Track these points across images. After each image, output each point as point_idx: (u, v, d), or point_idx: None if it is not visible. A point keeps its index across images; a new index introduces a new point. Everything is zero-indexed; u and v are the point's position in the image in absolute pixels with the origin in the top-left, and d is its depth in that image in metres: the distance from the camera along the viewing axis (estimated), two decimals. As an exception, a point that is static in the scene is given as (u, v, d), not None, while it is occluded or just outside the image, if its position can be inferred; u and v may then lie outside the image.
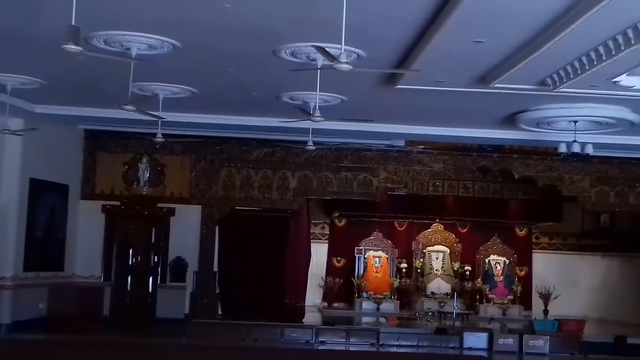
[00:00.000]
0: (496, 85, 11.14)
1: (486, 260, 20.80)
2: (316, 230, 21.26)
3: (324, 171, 17.52)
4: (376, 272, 20.39)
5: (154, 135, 13.46)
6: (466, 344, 15.09)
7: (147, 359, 12.48)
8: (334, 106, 13.19)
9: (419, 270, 20.80)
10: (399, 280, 20.27)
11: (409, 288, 20.50)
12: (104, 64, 10.02)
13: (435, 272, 20.81)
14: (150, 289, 17.25)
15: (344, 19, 7.54)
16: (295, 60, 10.44)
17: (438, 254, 21.01)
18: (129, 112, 11.43)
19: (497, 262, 20.74)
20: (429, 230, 21.33)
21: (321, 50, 7.81)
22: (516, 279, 20.64)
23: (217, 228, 17.42)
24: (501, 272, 20.61)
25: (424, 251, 21.01)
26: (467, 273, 20.76)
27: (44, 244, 15.89)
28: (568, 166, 17.27)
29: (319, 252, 20.77)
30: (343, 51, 7.63)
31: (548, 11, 8.11)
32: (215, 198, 17.33)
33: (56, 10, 8.41)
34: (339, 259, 21.16)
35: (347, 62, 7.59)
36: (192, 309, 16.87)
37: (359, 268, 20.55)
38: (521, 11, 8.15)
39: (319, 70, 10.06)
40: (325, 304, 20.32)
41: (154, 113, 12.08)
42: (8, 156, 14.87)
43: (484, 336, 15.28)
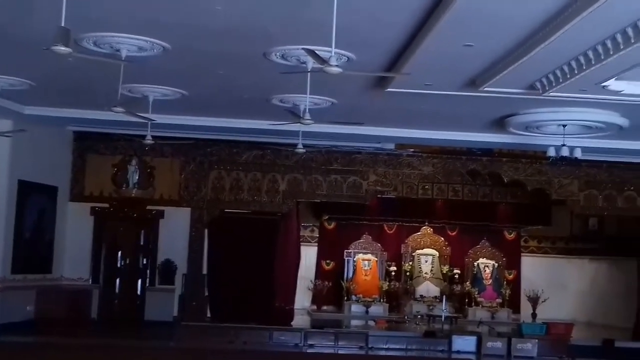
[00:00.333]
0: (486, 89, 11.18)
1: (475, 264, 20.85)
2: (306, 233, 21.22)
3: (313, 174, 17.52)
4: (365, 275, 20.40)
5: (144, 137, 13.43)
6: (455, 347, 15.09)
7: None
8: (324, 109, 13.20)
9: (408, 274, 20.81)
10: (388, 283, 20.28)
11: (398, 291, 20.52)
12: (93, 65, 9.99)
13: (424, 275, 20.83)
14: (139, 292, 17.20)
15: (334, 21, 7.55)
16: (286, 62, 10.44)
17: (427, 257, 21.05)
18: (118, 114, 11.42)
19: (486, 265, 20.79)
20: (418, 233, 21.36)
21: (311, 53, 7.82)
22: (505, 283, 20.68)
23: (206, 230, 17.39)
24: (490, 275, 20.66)
25: (413, 254, 21.04)
26: (456, 276, 20.78)
27: (32, 245, 15.81)
28: (557, 170, 17.32)
29: (309, 255, 20.75)
30: (333, 54, 7.64)
31: (538, 15, 8.15)
32: (204, 200, 17.30)
33: (46, 11, 8.38)
34: (328, 262, 21.15)
35: (337, 65, 7.62)
36: (180, 311, 16.83)
37: (348, 271, 20.55)
38: (511, 15, 8.19)
39: (309, 73, 10.06)
40: (315, 307, 20.31)
41: (143, 115, 12.05)
42: (-4, 158, 14.82)
43: (473, 339, 15.30)
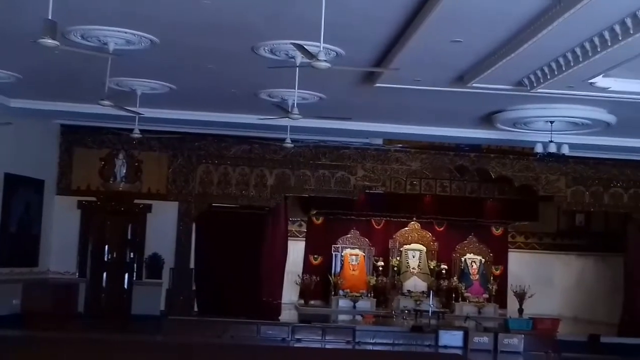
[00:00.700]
0: (474, 85, 11.19)
1: (462, 259, 20.92)
2: (293, 228, 21.22)
3: (301, 169, 17.52)
4: (353, 270, 20.43)
5: (131, 131, 13.40)
6: (442, 342, 15.17)
7: (122, 355, 12.41)
8: (312, 104, 13.19)
9: (395, 269, 20.86)
10: (375, 278, 20.32)
11: (385, 286, 20.57)
12: (81, 58, 9.96)
13: (411, 270, 20.87)
14: (126, 286, 17.14)
15: (322, 16, 7.54)
16: (274, 57, 10.43)
17: (415, 252, 21.08)
18: (106, 108, 11.37)
19: (473, 260, 20.86)
20: (406, 228, 21.40)
21: (300, 47, 7.81)
22: (492, 278, 20.78)
23: (194, 225, 17.36)
24: (477, 270, 20.73)
25: (401, 249, 21.08)
26: (444, 271, 20.85)
27: (19, 239, 15.74)
28: (544, 166, 17.40)
29: (296, 250, 20.75)
30: (322, 49, 7.64)
31: (526, 12, 8.17)
32: (192, 194, 17.27)
33: (33, 4, 8.32)
34: (316, 256, 21.17)
35: (325, 60, 7.60)
36: (168, 305, 16.80)
37: (335, 266, 20.59)
38: (499, 12, 8.20)
39: (297, 68, 10.06)
40: (302, 301, 20.32)
41: (131, 109, 12.01)
42: (-18, 150, 14.73)
43: (460, 334, 15.38)
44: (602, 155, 17.37)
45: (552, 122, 13.41)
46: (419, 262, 20.99)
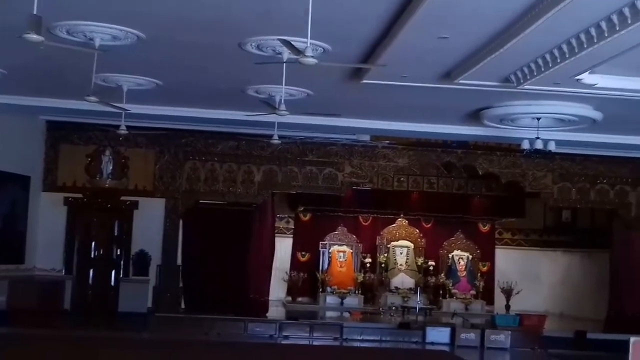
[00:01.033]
0: (461, 82, 11.21)
1: (450, 256, 20.96)
2: (281, 225, 21.21)
3: (289, 165, 17.49)
4: (340, 266, 20.44)
5: (118, 127, 13.34)
6: (429, 339, 15.19)
7: (108, 353, 12.36)
8: (299, 100, 13.17)
9: (383, 265, 20.88)
10: (363, 275, 20.33)
11: (373, 283, 20.58)
12: (66, 54, 9.89)
13: (399, 267, 20.90)
14: (113, 283, 17.06)
15: (310, 12, 7.52)
16: (261, 53, 10.40)
17: (402, 249, 21.12)
18: (92, 104, 11.33)
19: (460, 257, 20.90)
20: (394, 225, 21.42)
21: (287, 43, 7.79)
22: (479, 274, 20.80)
23: (181, 221, 17.30)
24: (464, 267, 20.77)
25: (388, 246, 21.10)
26: (431, 268, 20.87)
27: (5, 236, 15.64)
28: (531, 163, 17.44)
29: (284, 247, 20.72)
30: (309, 45, 7.62)
31: (512, 9, 8.18)
32: (179, 191, 17.21)
33: (17, -2, 8.27)
34: (303, 253, 21.16)
35: (312, 56, 7.59)
36: (155, 302, 16.75)
37: (323, 262, 20.58)
38: (486, 8, 8.21)
39: (284, 64, 10.03)
40: (290, 298, 20.33)
41: (117, 105, 11.96)
42: (-33, 147, 14.65)
43: (447, 331, 15.40)
44: (588, 152, 17.46)
45: (538, 119, 13.46)
46: (407, 258, 21.02)
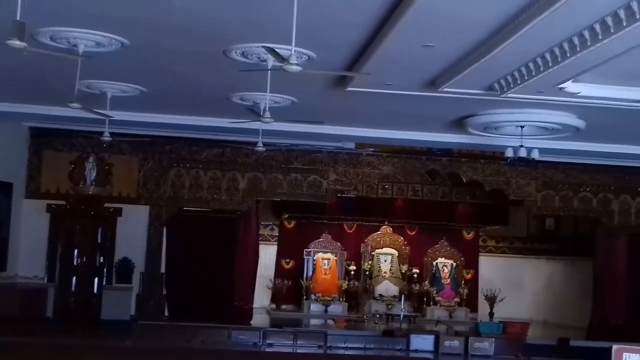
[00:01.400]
0: (445, 90, 11.25)
1: (434, 263, 20.98)
2: (265, 232, 21.17)
3: (273, 172, 17.46)
4: (325, 274, 20.41)
5: (102, 134, 13.27)
6: (413, 346, 15.18)
7: (91, 361, 12.28)
8: (284, 107, 13.16)
9: (367, 273, 20.88)
10: (347, 283, 20.32)
11: (357, 290, 20.57)
12: (50, 60, 9.85)
13: (383, 274, 20.91)
14: (96, 290, 16.95)
15: (294, 20, 7.52)
16: (246, 60, 10.40)
17: (386, 256, 21.13)
18: (75, 110, 11.25)
19: (444, 264, 20.94)
20: (378, 232, 21.44)
21: (271, 51, 7.79)
22: (463, 282, 20.84)
23: (164, 229, 17.22)
24: (448, 274, 20.80)
25: (373, 253, 21.11)
26: (415, 276, 20.90)
27: (-14, 243, 15.53)
28: (515, 171, 17.50)
29: (268, 254, 20.69)
30: (293, 52, 7.62)
31: (496, 17, 8.22)
32: (163, 198, 17.13)
33: (0, 4, 8.21)
34: (287, 260, 21.13)
35: (297, 64, 7.58)
36: (138, 310, 16.65)
37: (307, 270, 20.55)
38: (470, 17, 8.25)
39: (269, 71, 10.02)
40: (274, 306, 20.28)
41: (101, 111, 11.91)
42: (-51, 153, 14.53)
43: (431, 338, 15.39)
44: (571, 160, 17.55)
45: (522, 127, 13.53)
46: (391, 266, 21.04)
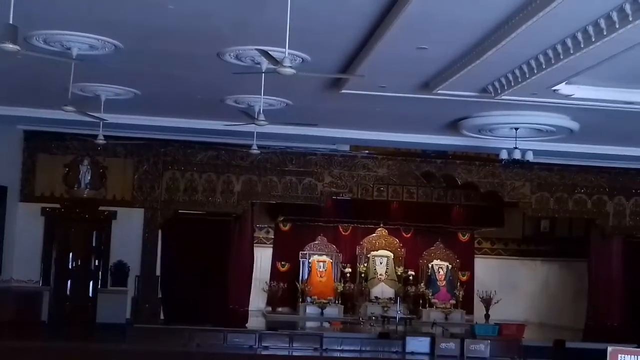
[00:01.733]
0: (439, 92, 11.26)
1: (429, 265, 21.01)
2: (261, 235, 21.17)
3: (268, 175, 17.44)
4: (320, 276, 20.42)
5: (96, 137, 13.25)
6: (408, 349, 15.15)
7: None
8: (279, 110, 13.16)
9: (363, 275, 20.89)
10: (343, 285, 20.32)
11: (353, 293, 20.58)
12: (44, 63, 9.83)
13: (379, 276, 20.91)
14: (91, 294, 16.87)
15: (288, 22, 7.52)
16: (240, 63, 10.40)
17: (382, 258, 21.14)
18: (69, 113, 11.24)
19: (440, 267, 20.96)
20: (373, 235, 21.45)
21: (265, 53, 7.79)
22: (458, 284, 20.88)
23: (159, 232, 17.20)
24: (444, 276, 20.82)
25: (368, 256, 21.11)
26: (411, 278, 20.93)
27: (-19, 247, 15.49)
28: (509, 172, 17.52)
29: (264, 257, 20.69)
30: (287, 55, 7.61)
31: (490, 19, 8.24)
32: (158, 201, 17.09)
33: (-6, 7, 8.20)
34: (283, 263, 21.13)
35: (290, 66, 7.58)
36: (133, 313, 16.62)
37: (303, 272, 20.57)
38: (464, 19, 8.26)
39: (263, 74, 10.03)
40: (269, 308, 20.27)
41: (94, 114, 11.90)
42: (-57, 157, 14.49)
43: (426, 341, 15.36)
44: (566, 162, 17.58)
45: (516, 129, 13.54)
46: (386, 268, 21.04)
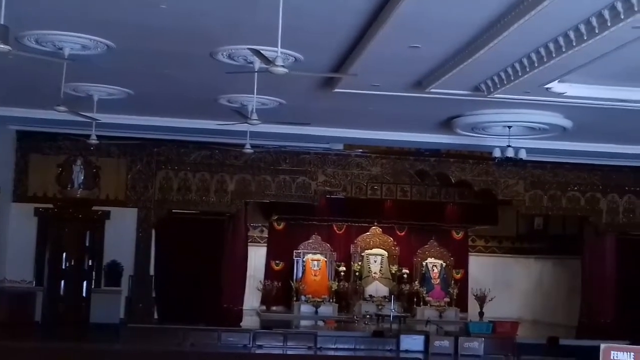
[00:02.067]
0: (432, 90, 11.27)
1: (423, 263, 21.00)
2: (255, 234, 21.16)
3: (262, 174, 17.42)
4: (315, 275, 20.41)
5: (89, 136, 13.22)
6: (403, 347, 15.19)
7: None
8: (272, 109, 13.16)
9: (357, 274, 20.89)
10: (337, 284, 20.32)
11: (347, 291, 20.57)
12: (36, 63, 9.80)
13: (373, 275, 20.92)
14: (84, 294, 16.87)
15: (280, 21, 7.52)
16: (233, 62, 10.39)
17: (376, 257, 21.14)
18: (62, 113, 11.21)
19: (434, 265, 20.96)
20: (368, 233, 21.45)
21: (257, 53, 7.78)
22: (453, 282, 20.88)
23: (153, 231, 17.17)
24: (438, 274, 20.83)
25: (363, 254, 21.11)
26: (405, 276, 20.93)
27: (-26, 247, 15.45)
28: (503, 170, 17.52)
29: (258, 256, 20.68)
30: (279, 54, 7.60)
31: (482, 18, 8.24)
32: (151, 201, 17.07)
33: (-15, 8, 8.18)
34: (277, 262, 21.12)
35: (283, 66, 7.57)
36: (127, 313, 16.60)
37: (297, 271, 20.54)
38: (456, 18, 8.26)
39: (256, 73, 10.01)
40: (264, 307, 20.26)
41: (87, 114, 11.88)
42: None
43: (421, 339, 15.40)
44: (559, 160, 17.60)
45: (509, 127, 13.57)
46: (381, 266, 21.05)
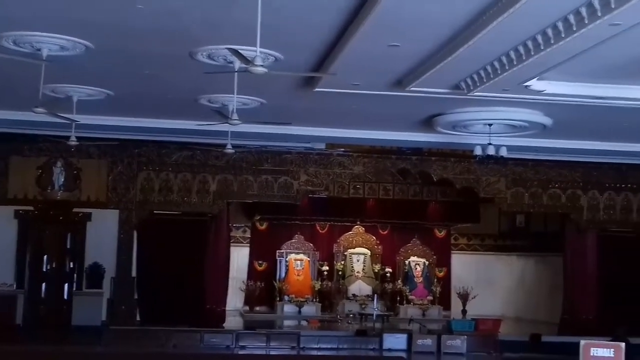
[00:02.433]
0: (412, 89, 11.29)
1: (406, 262, 21.04)
2: (237, 234, 21.11)
3: (244, 174, 17.39)
4: (298, 275, 20.39)
5: (69, 138, 13.13)
6: (386, 345, 15.23)
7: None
8: (253, 109, 13.13)
9: (340, 273, 20.90)
10: (320, 283, 20.31)
11: (330, 290, 20.57)
12: (14, 65, 9.75)
13: (356, 274, 20.95)
14: (66, 296, 16.77)
15: (259, 21, 7.50)
16: (212, 62, 10.36)
17: (359, 256, 21.16)
18: (41, 115, 11.13)
19: (417, 263, 21.00)
20: (350, 232, 21.46)
21: (236, 53, 7.75)
22: (435, 280, 20.94)
23: (135, 233, 17.10)
24: (421, 273, 20.88)
25: (345, 253, 21.13)
26: (388, 275, 20.97)
27: (-47, 251, 15.31)
28: (484, 168, 17.57)
29: (241, 256, 20.64)
30: (259, 54, 7.59)
31: (461, 16, 8.27)
32: (133, 202, 16.99)
33: (-40, 9, 8.13)
34: (260, 262, 21.08)
35: (262, 65, 7.56)
36: (109, 315, 16.51)
37: (280, 271, 20.52)
38: (435, 16, 8.29)
39: (236, 73, 9.98)
40: (247, 307, 20.22)
41: (66, 115, 11.80)
42: None
43: (404, 337, 15.46)
44: (540, 157, 17.66)
45: (490, 125, 13.62)
46: (364, 265, 21.07)
